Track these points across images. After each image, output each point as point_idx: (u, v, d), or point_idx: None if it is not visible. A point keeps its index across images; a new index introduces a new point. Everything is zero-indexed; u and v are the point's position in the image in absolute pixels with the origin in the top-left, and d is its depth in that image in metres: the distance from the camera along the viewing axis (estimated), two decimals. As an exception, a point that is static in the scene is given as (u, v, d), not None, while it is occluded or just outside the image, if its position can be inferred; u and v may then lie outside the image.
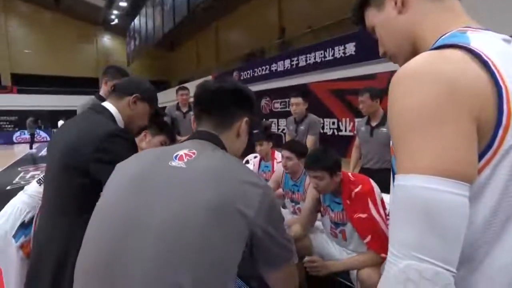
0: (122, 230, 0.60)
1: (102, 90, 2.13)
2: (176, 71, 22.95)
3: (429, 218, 0.40)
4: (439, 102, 0.42)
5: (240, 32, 15.81)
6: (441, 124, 0.41)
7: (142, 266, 0.55)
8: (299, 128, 3.07)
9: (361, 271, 1.48)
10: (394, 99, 0.47)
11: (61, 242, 1.02)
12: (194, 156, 0.68)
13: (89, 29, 22.02)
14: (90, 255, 0.63)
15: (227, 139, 0.79)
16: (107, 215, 0.65)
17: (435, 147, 0.41)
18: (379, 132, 2.57)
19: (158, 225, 0.58)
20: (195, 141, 0.76)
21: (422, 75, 0.44)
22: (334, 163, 1.61)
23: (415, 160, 0.42)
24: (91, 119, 1.11)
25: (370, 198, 1.54)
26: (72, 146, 1.00)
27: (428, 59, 0.46)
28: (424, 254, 0.39)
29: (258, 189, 0.64)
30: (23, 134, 16.18)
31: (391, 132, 0.48)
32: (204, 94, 0.81)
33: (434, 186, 0.40)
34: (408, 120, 0.44)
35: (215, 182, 0.63)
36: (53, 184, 1.05)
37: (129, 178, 0.69)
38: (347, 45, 7.41)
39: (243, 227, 0.60)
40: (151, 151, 0.80)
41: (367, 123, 2.67)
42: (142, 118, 1.24)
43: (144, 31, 15.18)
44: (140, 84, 1.24)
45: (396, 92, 0.47)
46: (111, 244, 0.60)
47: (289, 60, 9.41)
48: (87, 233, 0.67)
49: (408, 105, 0.44)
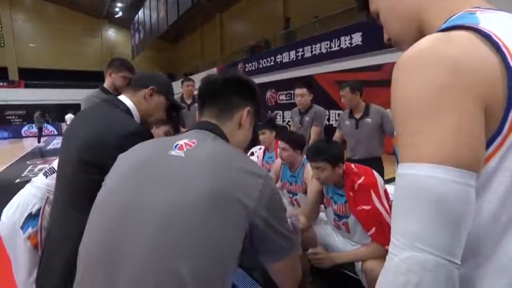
0: (122, 219, 0.61)
1: (106, 82, 2.14)
2: (180, 63, 22.91)
3: (432, 208, 0.38)
4: (443, 87, 0.40)
5: (245, 23, 15.66)
6: (445, 110, 0.39)
7: (142, 255, 0.56)
8: (304, 119, 3.06)
9: (366, 262, 1.48)
10: (396, 84, 0.45)
11: (73, 238, 1.01)
12: (194, 145, 0.68)
13: (93, 22, 22.02)
14: (92, 244, 0.64)
15: (228, 129, 0.79)
16: (108, 205, 0.65)
17: (438, 134, 0.39)
18: (364, 124, 2.64)
19: (156, 214, 0.58)
20: (196, 131, 0.76)
21: (425, 59, 0.42)
22: (336, 155, 1.60)
23: (418, 148, 0.41)
24: (110, 114, 1.09)
25: (373, 190, 1.53)
26: (91, 142, 0.99)
27: (432, 42, 0.43)
28: (426, 244, 0.38)
29: (259, 178, 0.64)
30: (31, 128, 16.39)
31: (394, 119, 0.46)
32: (206, 85, 0.81)
33: (438, 175, 0.38)
34: (410, 106, 0.42)
35: (214, 171, 0.62)
36: (66, 178, 1.04)
37: (129, 168, 0.69)
38: (353, 35, 7.29)
39: (242, 217, 0.60)
40: (152, 142, 0.80)
41: (351, 117, 2.73)
42: (159, 111, 1.24)
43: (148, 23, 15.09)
44: (156, 77, 1.24)
45: (398, 77, 0.45)
46: (112, 233, 0.60)
47: (294, 51, 9.31)
48: (89, 223, 0.68)
49: (410, 91, 0.42)
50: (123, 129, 1.00)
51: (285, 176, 2.28)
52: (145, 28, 15.59)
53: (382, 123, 2.59)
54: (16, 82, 18.60)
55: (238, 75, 0.82)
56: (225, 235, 0.58)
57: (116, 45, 23.10)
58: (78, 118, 1.17)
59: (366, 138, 2.64)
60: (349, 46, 7.48)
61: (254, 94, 0.85)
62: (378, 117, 2.60)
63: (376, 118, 2.60)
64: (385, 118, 2.58)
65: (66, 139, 1.13)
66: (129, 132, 0.99)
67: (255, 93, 0.85)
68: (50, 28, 20.29)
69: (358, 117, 2.67)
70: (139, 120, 1.17)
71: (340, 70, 7.61)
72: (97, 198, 0.70)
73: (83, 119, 1.14)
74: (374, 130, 2.61)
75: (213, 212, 0.58)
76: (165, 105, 1.25)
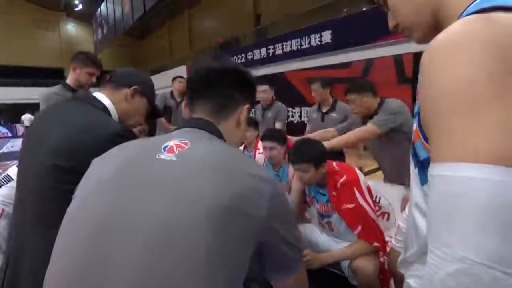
0: (98, 240, 0.50)
1: (69, 77, 1.96)
2: (147, 60, 22.05)
3: (488, 215, 0.33)
4: (490, 75, 0.35)
5: (214, 19, 15.39)
6: (494, 101, 0.35)
7: (128, 283, 0.46)
8: (266, 115, 3.16)
9: (355, 260, 1.47)
10: (429, 75, 0.40)
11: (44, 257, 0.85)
12: (187, 147, 0.57)
13: (49, 15, 20.49)
14: (61, 270, 0.52)
15: (226, 129, 0.68)
16: (79, 223, 0.54)
17: (492, 129, 0.34)
18: (329, 117, 2.81)
19: (143, 234, 0.48)
20: (187, 130, 0.65)
21: (467, 44, 0.37)
22: (319, 155, 1.57)
23: (467, 146, 0.35)
24: (88, 113, 0.95)
25: (356, 187, 1.53)
26: (67, 145, 0.84)
27: (472, 24, 0.38)
28: (478, 256, 0.33)
29: (267, 185, 0.54)
30: (-18, 129, 14.97)
31: (424, 113, 0.41)
32: (199, 74, 0.68)
33: (488, 176, 0.34)
34: (451, 98, 0.37)
35: (214, 177, 0.52)
36: (34, 189, 0.88)
37: (107, 175, 0.57)
38: (323, 33, 7.41)
39: (250, 231, 0.50)
40: (135, 142, 0.67)
41: (318, 110, 2.89)
42: (139, 113, 1.11)
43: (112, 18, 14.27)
44: (139, 76, 1.12)
45: (433, 68, 0.40)
46: (85, 259, 0.49)
47: (265, 48, 9.29)
48: (57, 243, 0.55)
49: (450, 82, 0.37)
50: (107, 129, 0.87)
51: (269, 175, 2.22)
52: (109, 23, 14.76)
53: (346, 120, 2.75)
54: (-38, 79, 16.83)
55: (238, 66, 0.71)
56: (230, 257, 0.48)
57: (77, 40, 21.69)
58: (43, 118, 1.02)
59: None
60: (319, 43, 7.59)
61: (254, 90, 0.76)
62: (343, 113, 2.75)
63: (342, 114, 2.78)
64: (350, 116, 2.73)
65: (30, 142, 0.97)
66: (116, 133, 0.86)
67: (254, 87, 0.76)
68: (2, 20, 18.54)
69: (325, 110, 2.83)
70: (118, 120, 1.04)
71: (310, 68, 7.71)
72: (66, 215, 0.57)
73: (50, 119, 0.98)
74: (337, 124, 2.75)
75: (215, 228, 0.47)
76: (146, 108, 1.13)
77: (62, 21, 21.36)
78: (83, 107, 0.98)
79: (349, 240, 1.57)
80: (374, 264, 1.45)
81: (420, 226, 0.50)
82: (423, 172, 0.50)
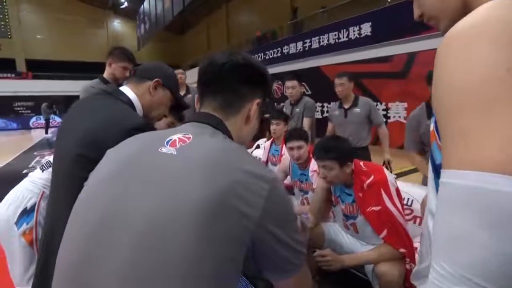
0: (94, 231, 0.51)
1: (106, 72, 2.07)
2: (186, 55, 22.73)
3: (499, 233, 0.29)
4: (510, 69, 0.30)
5: (251, 13, 15.40)
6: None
7: (116, 278, 0.46)
8: (295, 110, 3.11)
9: (379, 265, 1.39)
10: (445, 65, 0.35)
11: None
12: (188, 141, 0.57)
13: (99, 14, 21.89)
14: (65, 255, 0.55)
15: (234, 125, 0.67)
16: (85, 213, 0.56)
17: (505, 132, 0.30)
18: (352, 113, 2.75)
19: (133, 228, 0.48)
20: (193, 124, 0.65)
21: (488, 33, 0.32)
22: (345, 153, 1.50)
23: (479, 152, 0.31)
24: (112, 106, 1.00)
25: (383, 189, 1.44)
26: (91, 138, 0.90)
27: (495, 11, 0.33)
28: (487, 280, 0.29)
29: (264, 183, 0.51)
30: (39, 119, 16.51)
31: (438, 109, 0.36)
32: (210, 69, 0.67)
33: (501, 187, 0.29)
34: (465, 93, 0.32)
35: (209, 173, 0.50)
36: (63, 174, 0.96)
37: (112, 167, 0.59)
38: (362, 26, 7.08)
39: (243, 231, 0.48)
40: (143, 136, 0.68)
41: (340, 107, 2.85)
42: (162, 106, 1.14)
43: (153, 14, 14.89)
44: (162, 69, 1.15)
45: (448, 56, 0.35)
46: (83, 244, 0.51)
47: (301, 42, 9.12)
48: (66, 228, 0.58)
49: (466, 74, 0.33)
50: (127, 122, 0.91)
51: (295, 174, 2.19)
52: (151, 19, 15.42)
53: (370, 114, 2.72)
54: (24, 73, 18.66)
55: (248, 59, 0.68)
56: (220, 258, 0.46)
57: (122, 36, 22.97)
58: (75, 110, 1.08)
59: (354, 127, 2.74)
60: (358, 36, 7.27)
61: (266, 83, 0.72)
62: (367, 107, 2.72)
63: (365, 108, 2.71)
64: (373, 110, 2.74)
65: (61, 132, 1.04)
66: (134, 126, 0.89)
67: (267, 82, 0.73)
68: (56, 19, 20.21)
69: (347, 107, 2.78)
70: (141, 113, 1.08)
71: (348, 62, 7.42)
72: (76, 202, 0.60)
73: (80, 110, 1.05)
74: (362, 120, 2.73)
75: (205, 227, 0.46)
76: (169, 100, 1.16)
77: (109, 19, 22.70)
78: (109, 101, 1.03)
79: (375, 244, 1.50)
80: (399, 271, 1.36)
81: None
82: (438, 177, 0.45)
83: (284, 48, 9.90)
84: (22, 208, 1.39)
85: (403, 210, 1.44)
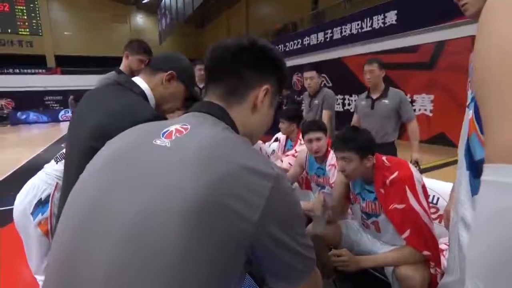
0: (83, 231, 0.48)
1: (122, 64, 2.07)
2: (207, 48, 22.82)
3: None
4: None
5: (271, 5, 15.16)
6: None
7: (102, 271, 0.43)
8: (313, 102, 3.00)
9: (400, 267, 1.29)
10: (488, 33, 0.28)
11: None
12: (185, 132, 0.52)
13: (122, 9, 22.42)
14: (55, 248, 0.52)
15: (239, 113, 0.61)
16: (75, 206, 0.53)
17: None
18: (380, 104, 2.50)
19: (119, 227, 0.44)
20: (194, 114, 0.60)
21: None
22: (366, 145, 1.40)
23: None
24: (123, 97, 0.98)
25: (408, 186, 1.32)
26: (102, 130, 0.87)
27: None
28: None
29: (266, 180, 0.46)
30: (67, 112, 17.25)
31: (477, 88, 0.29)
32: (214, 54, 0.62)
33: None
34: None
35: (202, 168, 0.45)
36: (75, 166, 0.93)
37: (105, 159, 0.56)
38: (387, 14, 6.74)
39: (239, 232, 0.43)
40: (141, 126, 0.63)
41: (368, 97, 2.60)
42: (175, 99, 1.10)
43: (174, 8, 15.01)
44: (177, 61, 1.09)
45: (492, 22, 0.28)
46: (71, 247, 0.48)
47: (322, 33, 8.86)
48: (59, 220, 0.55)
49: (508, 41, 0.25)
50: (138, 114, 0.87)
51: (312, 168, 2.10)
52: (171, 13, 15.56)
53: (399, 108, 2.43)
54: (53, 69, 19.55)
55: (255, 41, 0.61)
56: (214, 262, 0.42)
57: (144, 30, 23.40)
58: (86, 101, 1.06)
59: (380, 120, 2.49)
60: (382, 26, 6.94)
61: (277, 67, 0.65)
62: (397, 100, 2.45)
63: (394, 100, 2.45)
64: (404, 103, 2.44)
65: (74, 123, 1.02)
66: (145, 118, 0.84)
67: (278, 65, 0.65)
68: (83, 16, 20.95)
69: (375, 97, 2.52)
70: (154, 105, 1.05)
71: (371, 52, 7.11)
72: (70, 194, 0.56)
73: (91, 101, 1.03)
74: (390, 113, 2.45)
75: (197, 227, 0.41)
76: (183, 93, 1.11)
77: (132, 14, 23.19)
78: (120, 92, 1.00)
79: (396, 245, 1.40)
80: (422, 275, 1.25)
81: (464, 245, 0.37)
82: (476, 176, 0.36)
83: (304, 40, 9.69)
84: (37, 199, 1.41)
85: (429, 209, 1.33)
